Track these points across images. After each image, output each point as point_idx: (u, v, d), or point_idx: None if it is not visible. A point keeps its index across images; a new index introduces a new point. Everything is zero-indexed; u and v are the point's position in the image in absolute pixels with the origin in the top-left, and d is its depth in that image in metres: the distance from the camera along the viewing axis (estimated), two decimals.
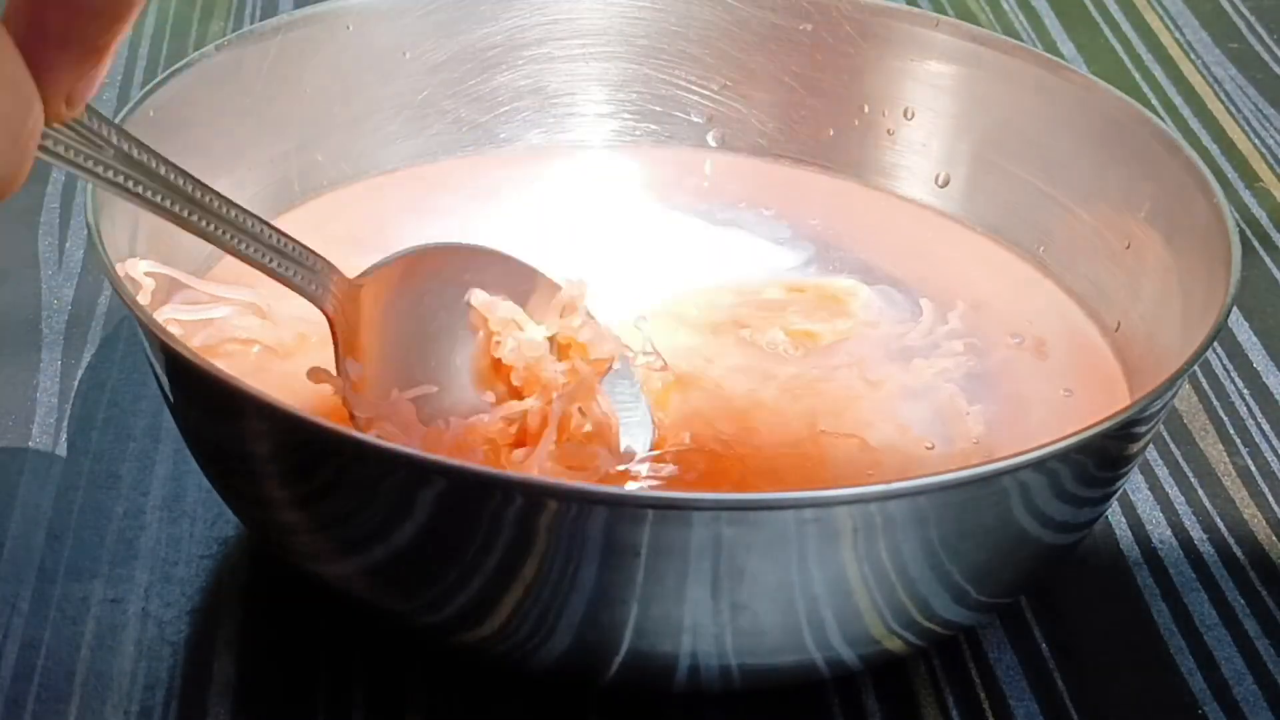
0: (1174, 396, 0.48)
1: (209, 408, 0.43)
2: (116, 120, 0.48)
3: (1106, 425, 0.42)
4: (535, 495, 0.39)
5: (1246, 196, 0.67)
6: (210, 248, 0.43)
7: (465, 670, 0.46)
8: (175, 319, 0.49)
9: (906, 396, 0.50)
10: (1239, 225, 0.49)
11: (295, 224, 0.53)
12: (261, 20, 0.71)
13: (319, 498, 0.42)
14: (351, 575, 0.44)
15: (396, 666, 0.46)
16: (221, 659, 0.46)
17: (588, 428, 0.46)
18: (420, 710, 0.45)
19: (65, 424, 0.52)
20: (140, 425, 0.53)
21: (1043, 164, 0.55)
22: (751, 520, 0.39)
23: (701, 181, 0.58)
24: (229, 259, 0.43)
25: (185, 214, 0.39)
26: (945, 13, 0.74)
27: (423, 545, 0.41)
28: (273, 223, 0.42)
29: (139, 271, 0.47)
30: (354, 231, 0.54)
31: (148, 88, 0.50)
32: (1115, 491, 0.47)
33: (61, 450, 0.52)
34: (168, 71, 0.51)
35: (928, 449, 0.48)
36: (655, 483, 0.47)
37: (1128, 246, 0.53)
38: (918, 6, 0.74)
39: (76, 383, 0.54)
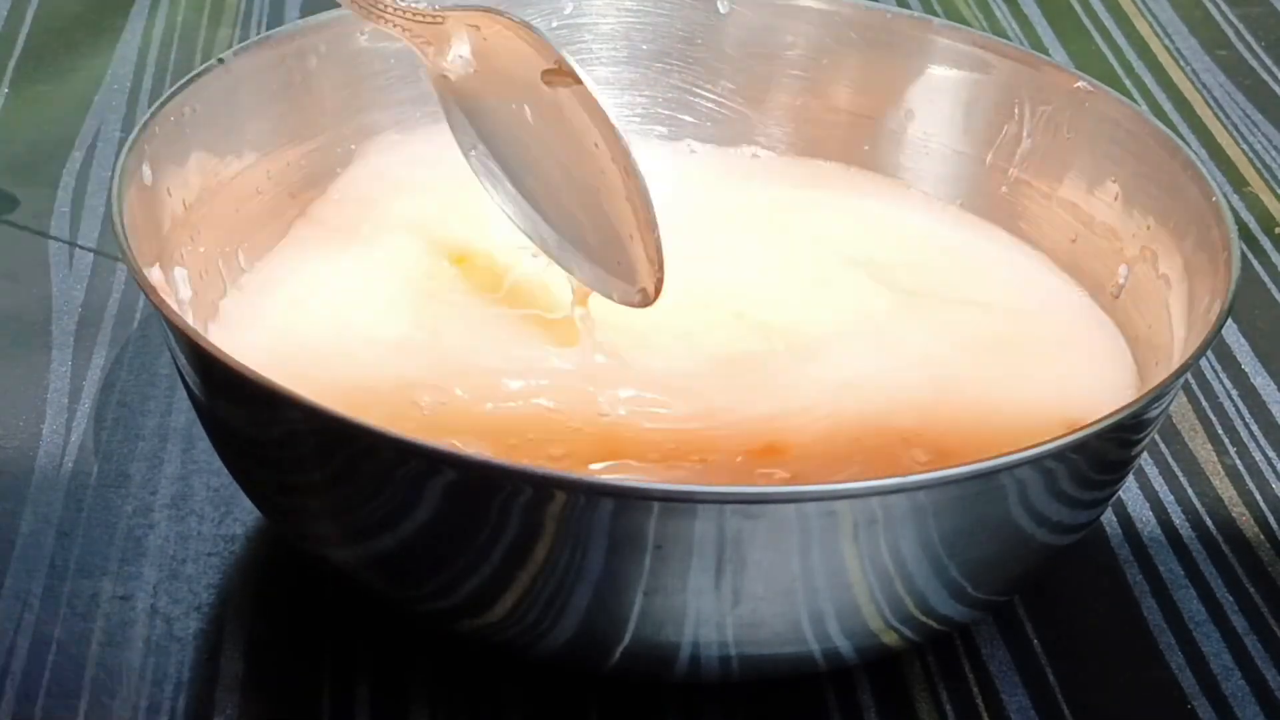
0: (1174, 397, 0.48)
1: (236, 403, 0.44)
2: (140, 122, 0.49)
3: (1102, 425, 0.42)
4: (543, 486, 0.40)
5: (1235, 201, 0.67)
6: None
7: (468, 662, 0.46)
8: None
9: None
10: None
11: (309, 226, 0.55)
12: (269, 28, 0.72)
13: (334, 485, 0.43)
14: (364, 560, 0.44)
15: (400, 660, 0.46)
16: (228, 654, 0.46)
17: None
18: (423, 702, 0.45)
19: (75, 424, 0.53)
20: (149, 425, 0.53)
21: (1044, 165, 0.56)
22: (756, 513, 0.40)
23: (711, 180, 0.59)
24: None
25: None
26: None
27: (433, 533, 0.42)
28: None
29: (158, 277, 0.48)
30: (370, 232, 0.55)
31: (174, 88, 0.51)
32: (1112, 495, 0.48)
33: (72, 450, 0.52)
34: (190, 75, 0.52)
35: None
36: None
37: (1128, 246, 0.53)
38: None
39: (86, 383, 0.55)
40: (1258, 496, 0.54)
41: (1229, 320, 0.59)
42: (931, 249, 0.56)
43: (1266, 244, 0.65)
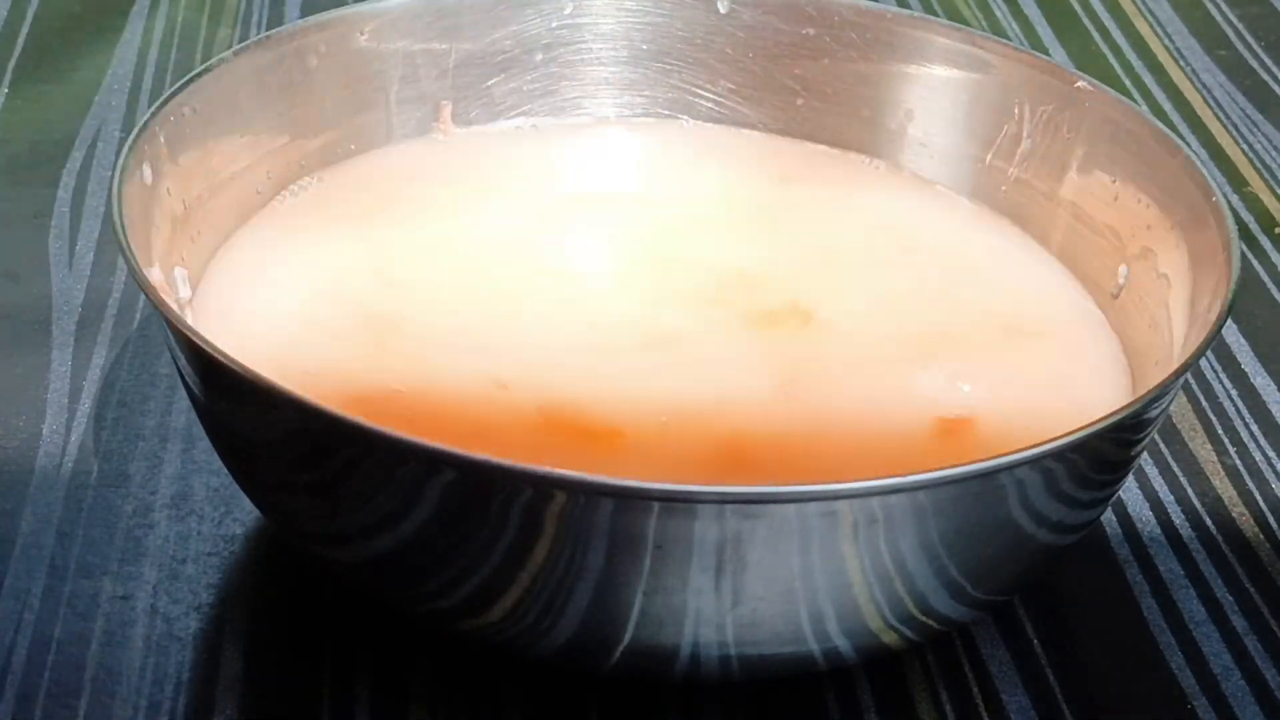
0: (1174, 397, 0.48)
1: (236, 402, 0.44)
2: (140, 122, 0.49)
3: (1102, 425, 0.42)
4: (543, 486, 0.40)
5: (1235, 200, 0.67)
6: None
7: (468, 662, 0.46)
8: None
9: None
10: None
11: (313, 227, 0.55)
12: (269, 28, 0.72)
13: (334, 485, 0.43)
14: (363, 560, 0.44)
15: (400, 660, 0.46)
16: (228, 654, 0.46)
17: None
18: (423, 701, 0.45)
19: (75, 424, 0.53)
20: (149, 425, 0.53)
21: (1044, 165, 0.56)
22: (756, 513, 0.40)
23: (709, 182, 0.59)
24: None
25: None
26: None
27: (433, 533, 0.42)
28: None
29: (158, 277, 0.48)
30: (372, 233, 0.55)
31: (174, 88, 0.51)
32: (1112, 495, 0.48)
33: (71, 450, 0.52)
34: (190, 75, 0.52)
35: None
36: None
37: (1127, 246, 0.53)
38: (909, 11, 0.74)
39: (86, 383, 0.55)
40: (1258, 496, 0.54)
41: (1229, 320, 0.59)
42: (929, 246, 0.56)
43: (1266, 244, 0.65)
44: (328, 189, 0.55)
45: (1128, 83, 0.75)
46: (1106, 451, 0.45)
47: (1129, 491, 0.53)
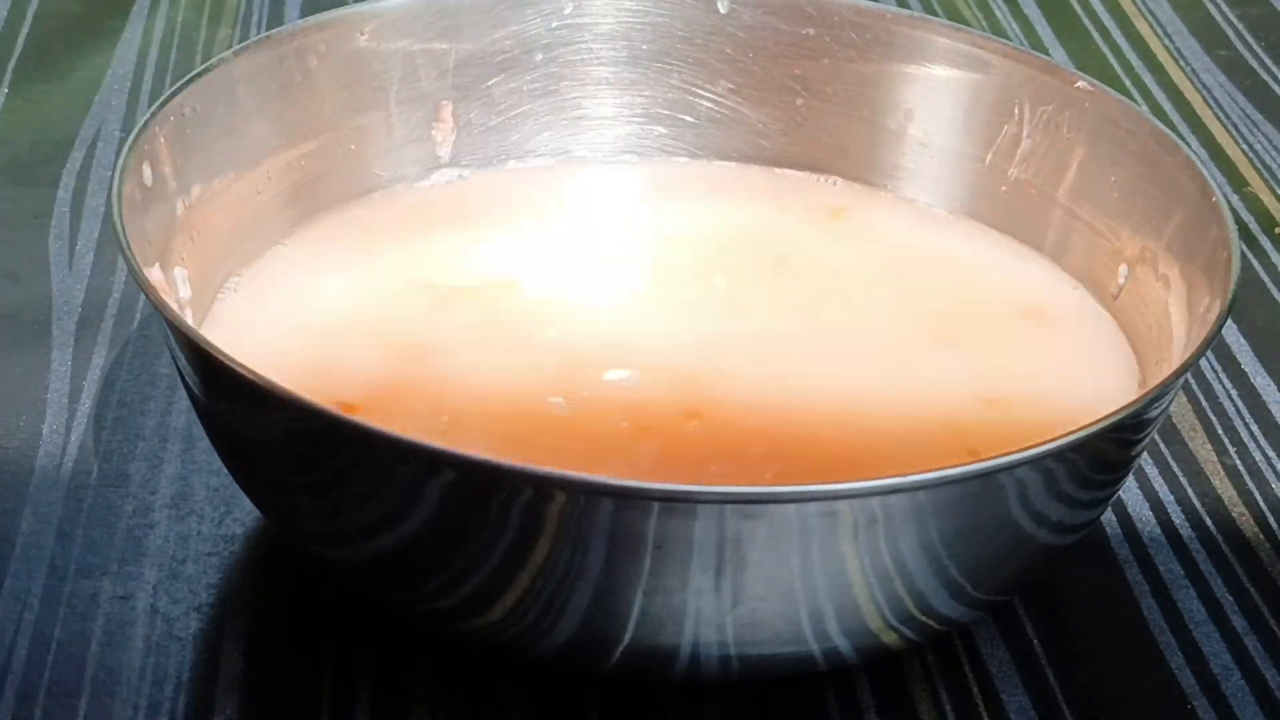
0: (1174, 397, 0.48)
1: (236, 403, 0.44)
2: (140, 121, 0.49)
3: (1102, 425, 0.42)
4: (543, 486, 0.40)
5: (1235, 201, 0.67)
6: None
7: (468, 662, 0.46)
8: None
9: None
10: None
11: (313, 227, 0.55)
12: (269, 28, 0.72)
13: (334, 485, 0.43)
14: (363, 560, 0.44)
15: (400, 660, 0.46)
16: (228, 654, 0.46)
17: None
18: (423, 701, 0.45)
19: (75, 424, 0.53)
20: (149, 425, 0.53)
21: (1044, 165, 0.56)
22: (756, 513, 0.40)
23: (707, 184, 0.59)
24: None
25: None
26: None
27: (433, 533, 0.42)
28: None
29: (158, 277, 0.48)
30: (373, 236, 0.55)
31: (174, 88, 0.51)
32: (1112, 495, 0.48)
33: (71, 450, 0.52)
34: (190, 75, 0.52)
35: None
36: None
37: (1128, 246, 0.53)
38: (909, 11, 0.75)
39: (86, 383, 0.55)
40: (1258, 496, 0.54)
41: (1229, 320, 0.59)
42: (930, 250, 0.56)
43: (1266, 244, 0.65)
44: (348, 220, 0.56)
45: (1128, 83, 0.75)
46: (1106, 451, 0.45)
47: (1129, 491, 0.53)
